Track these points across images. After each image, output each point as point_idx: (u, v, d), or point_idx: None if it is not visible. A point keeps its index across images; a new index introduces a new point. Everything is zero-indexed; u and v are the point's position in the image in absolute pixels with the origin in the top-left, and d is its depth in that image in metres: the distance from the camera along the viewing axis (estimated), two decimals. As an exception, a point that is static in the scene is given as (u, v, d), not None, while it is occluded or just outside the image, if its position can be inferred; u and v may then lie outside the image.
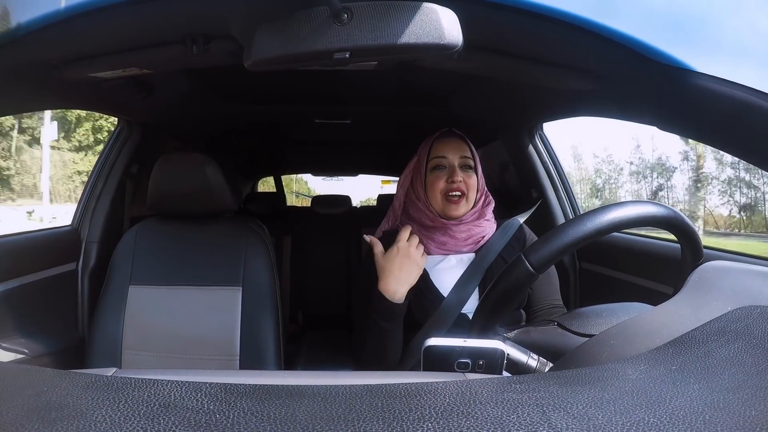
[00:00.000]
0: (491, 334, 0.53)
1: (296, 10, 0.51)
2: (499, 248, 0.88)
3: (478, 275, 0.85)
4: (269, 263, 1.04)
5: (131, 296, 1.00)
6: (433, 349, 0.49)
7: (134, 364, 0.97)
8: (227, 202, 1.05)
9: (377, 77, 1.05)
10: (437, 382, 0.31)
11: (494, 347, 0.48)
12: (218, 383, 0.31)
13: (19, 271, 1.03)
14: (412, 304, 0.83)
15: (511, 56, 0.70)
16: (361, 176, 3.28)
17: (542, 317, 0.87)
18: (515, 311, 0.87)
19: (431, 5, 0.50)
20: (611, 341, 0.39)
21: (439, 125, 0.97)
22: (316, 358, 1.68)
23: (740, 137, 0.53)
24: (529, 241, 0.92)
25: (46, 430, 0.24)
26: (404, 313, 0.81)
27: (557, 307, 0.89)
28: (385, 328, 0.79)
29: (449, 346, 0.49)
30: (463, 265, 0.87)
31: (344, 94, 1.32)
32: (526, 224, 0.95)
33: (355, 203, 2.40)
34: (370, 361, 0.82)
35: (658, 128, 0.66)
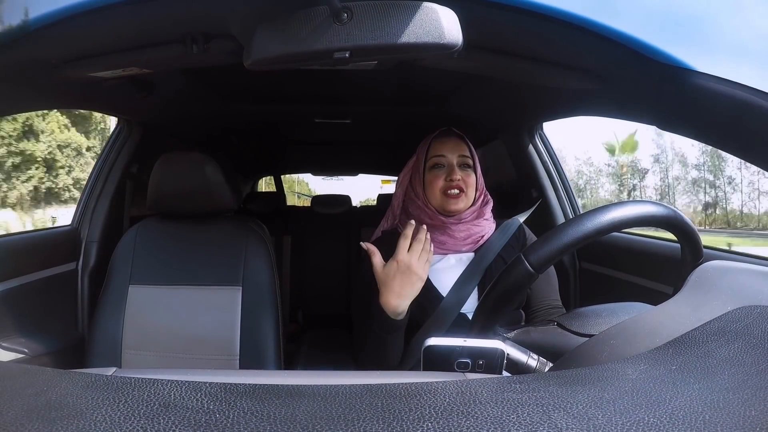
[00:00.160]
0: (491, 334, 0.53)
1: (296, 9, 0.51)
2: (498, 248, 0.87)
3: (477, 275, 0.85)
4: (269, 263, 1.04)
5: (131, 296, 1.00)
6: (433, 348, 0.49)
7: (134, 363, 0.97)
8: (227, 201, 1.05)
9: (377, 77, 1.05)
10: (437, 381, 0.31)
11: (494, 347, 0.48)
12: (218, 383, 0.31)
13: (19, 270, 1.03)
14: (411, 304, 0.83)
15: (510, 56, 0.70)
16: (360, 176, 3.28)
17: (541, 317, 0.87)
18: (515, 311, 0.87)
19: (431, 5, 0.50)
20: (611, 341, 0.39)
21: (439, 125, 0.97)
22: (316, 357, 1.67)
23: (740, 137, 0.53)
24: (528, 241, 0.92)
25: (46, 429, 0.24)
26: (406, 325, 0.79)
27: (556, 307, 0.89)
28: (386, 338, 0.78)
29: (449, 345, 0.49)
30: (462, 264, 0.87)
31: (344, 93, 1.32)
32: (525, 224, 0.95)
33: (354, 203, 2.41)
34: (369, 363, 0.81)
35: (658, 128, 0.66)
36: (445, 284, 0.85)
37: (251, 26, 0.54)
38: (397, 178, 1.00)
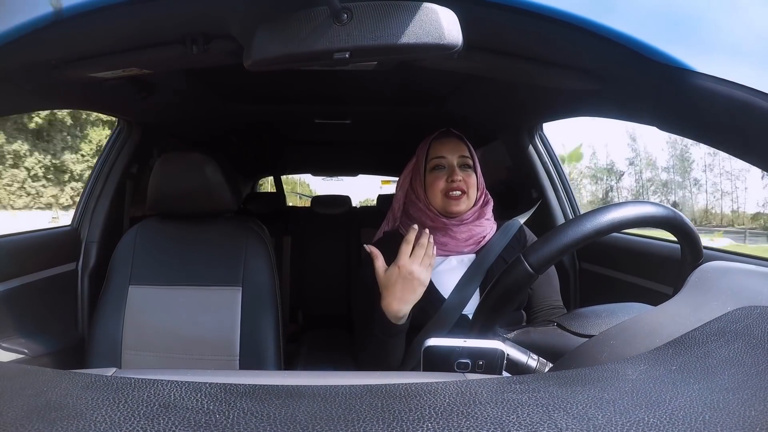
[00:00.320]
0: (491, 334, 0.53)
1: (296, 10, 0.51)
2: (499, 249, 0.87)
3: (478, 276, 0.85)
4: (269, 263, 1.04)
5: (131, 296, 1.00)
6: (432, 349, 0.49)
7: (134, 364, 0.97)
8: (227, 201, 1.05)
9: (377, 77, 1.05)
10: (437, 382, 0.31)
11: (494, 347, 0.48)
12: (218, 383, 0.31)
13: (19, 271, 1.03)
14: (413, 307, 0.82)
15: (510, 56, 0.69)
16: (360, 176, 3.28)
17: (542, 318, 0.87)
18: (516, 312, 0.87)
19: (431, 5, 0.50)
20: (611, 341, 0.39)
21: (439, 125, 0.97)
22: (316, 358, 1.67)
23: (740, 137, 0.53)
24: (529, 241, 0.92)
25: (46, 430, 0.24)
26: (407, 328, 0.78)
27: (557, 308, 0.89)
28: (387, 341, 0.78)
29: (449, 346, 0.49)
30: (463, 266, 0.87)
31: (344, 94, 1.32)
32: (525, 224, 0.95)
33: (354, 203, 2.41)
34: (370, 364, 0.81)
35: (657, 128, 0.65)
36: (446, 286, 0.85)
37: (251, 27, 0.54)
38: (397, 179, 1.00)
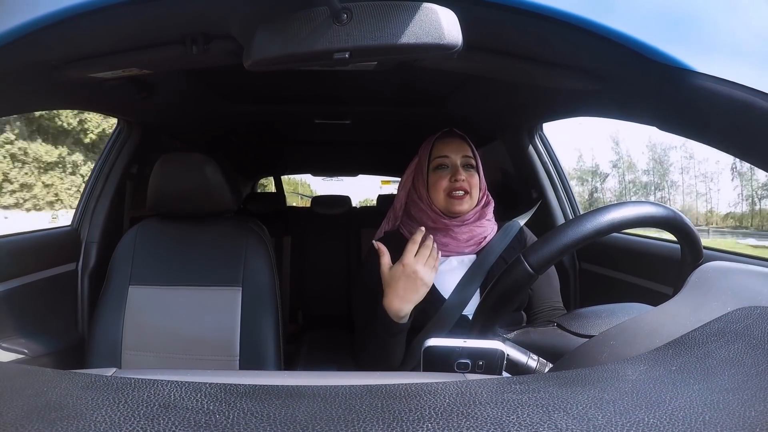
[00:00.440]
0: (491, 334, 0.53)
1: (296, 10, 0.51)
2: (500, 250, 0.87)
3: (479, 277, 0.85)
4: (269, 263, 1.04)
5: (131, 296, 1.00)
6: (432, 349, 0.49)
7: (134, 364, 0.97)
8: (227, 202, 1.05)
9: (377, 77, 1.05)
10: (437, 382, 0.31)
11: (494, 348, 0.48)
12: (218, 383, 0.31)
13: (19, 271, 1.03)
14: (414, 307, 0.82)
15: (510, 56, 0.69)
16: (360, 176, 3.28)
17: (542, 319, 0.87)
18: (516, 312, 0.87)
19: (431, 5, 0.50)
20: (611, 342, 0.39)
21: (439, 125, 0.97)
22: (316, 358, 1.67)
23: (740, 137, 0.53)
24: (529, 242, 0.92)
25: (46, 430, 0.24)
26: (408, 328, 0.79)
27: (557, 309, 0.89)
28: (388, 341, 0.78)
29: (449, 346, 0.48)
30: (464, 266, 0.87)
31: (344, 94, 1.32)
32: (526, 225, 0.95)
33: (354, 203, 2.41)
34: (371, 364, 0.81)
35: (657, 128, 0.65)
36: (447, 286, 0.85)
37: (251, 27, 0.54)
38: (397, 178, 1.00)
